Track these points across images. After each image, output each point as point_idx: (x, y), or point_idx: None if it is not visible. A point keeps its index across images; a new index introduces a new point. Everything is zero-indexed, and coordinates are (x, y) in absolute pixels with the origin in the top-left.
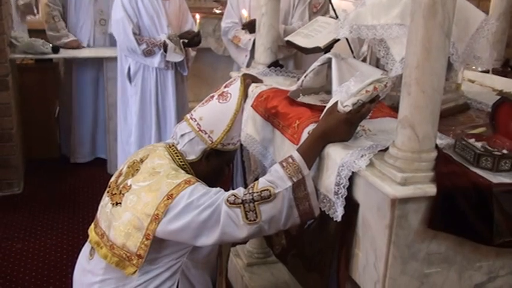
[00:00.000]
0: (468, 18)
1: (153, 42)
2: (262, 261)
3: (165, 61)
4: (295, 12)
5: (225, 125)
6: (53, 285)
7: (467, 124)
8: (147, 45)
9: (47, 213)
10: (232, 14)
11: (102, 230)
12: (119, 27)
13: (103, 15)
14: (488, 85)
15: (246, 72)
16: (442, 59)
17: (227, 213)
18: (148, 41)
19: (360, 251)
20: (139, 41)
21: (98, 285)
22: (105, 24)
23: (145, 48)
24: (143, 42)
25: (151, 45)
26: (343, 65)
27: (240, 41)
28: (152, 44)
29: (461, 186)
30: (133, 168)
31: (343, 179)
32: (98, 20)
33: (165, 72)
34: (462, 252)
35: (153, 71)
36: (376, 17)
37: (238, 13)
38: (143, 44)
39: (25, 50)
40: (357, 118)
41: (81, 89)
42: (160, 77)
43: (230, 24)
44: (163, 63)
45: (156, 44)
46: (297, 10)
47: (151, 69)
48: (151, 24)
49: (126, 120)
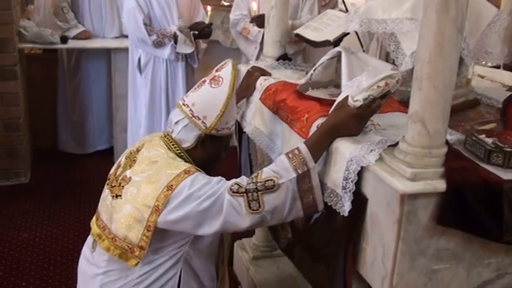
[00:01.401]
0: (480, 12)
1: (164, 34)
2: (268, 255)
3: (175, 53)
4: (304, 6)
5: (218, 110)
6: (59, 275)
7: (477, 120)
8: (157, 36)
9: (53, 203)
10: (241, 6)
11: (104, 222)
12: (130, 17)
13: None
14: (498, 81)
15: (254, 64)
16: (455, 54)
17: (230, 201)
18: (159, 32)
19: (368, 246)
20: (150, 31)
21: (101, 277)
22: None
23: (155, 39)
24: (154, 33)
25: (162, 36)
26: (353, 59)
27: (250, 33)
28: (162, 35)
29: (471, 183)
30: (131, 159)
31: (352, 174)
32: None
33: (175, 64)
34: (471, 249)
35: (163, 63)
36: (386, 11)
37: (247, 5)
38: (153, 35)
39: (33, 40)
40: (367, 113)
41: (87, 80)
42: (170, 69)
43: (239, 17)
44: (174, 55)
45: (166, 35)
46: (306, 4)
47: (162, 60)
48: (162, 15)
49: (136, 111)
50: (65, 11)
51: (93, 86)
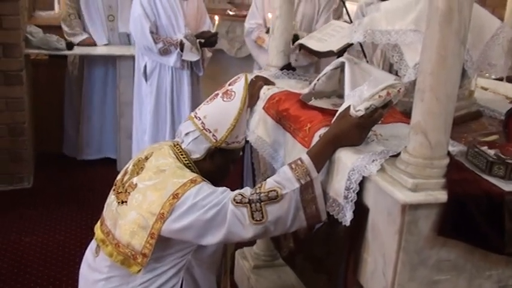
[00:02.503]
0: (483, 25)
1: (170, 41)
2: (269, 264)
3: (181, 60)
4: (319, 18)
5: (229, 124)
6: (59, 280)
7: (480, 131)
8: (163, 44)
9: (56, 208)
10: (257, 15)
11: (108, 228)
12: (137, 25)
13: (111, 11)
14: (501, 93)
15: (258, 74)
16: (457, 67)
17: (233, 212)
18: (165, 40)
19: (368, 256)
20: (156, 39)
21: (102, 283)
22: (114, 20)
23: (161, 47)
24: (160, 41)
25: (168, 44)
26: (356, 69)
27: (264, 42)
28: (169, 43)
29: (473, 194)
30: (138, 166)
31: (354, 184)
32: (106, 15)
33: (180, 72)
34: (472, 260)
35: (169, 70)
36: (390, 22)
37: (263, 14)
38: (160, 43)
39: (39, 46)
40: (369, 123)
41: (91, 87)
42: (176, 77)
43: (254, 25)
44: (179, 63)
45: (172, 43)
46: (322, 16)
47: (168, 68)
48: (168, 23)
49: (141, 118)
50: (72, 17)
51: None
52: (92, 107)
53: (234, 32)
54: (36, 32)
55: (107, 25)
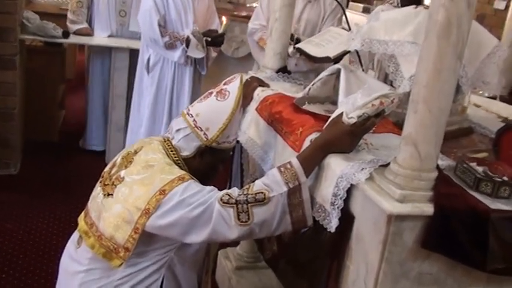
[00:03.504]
0: (480, 42)
1: (176, 36)
2: (251, 266)
3: (185, 56)
4: (323, 26)
5: (221, 123)
6: (39, 269)
7: (470, 148)
8: (169, 38)
9: (41, 196)
10: (261, 17)
11: (92, 219)
12: (146, 17)
13: (124, 6)
14: (493, 111)
15: (253, 75)
16: (452, 81)
17: (219, 212)
18: (172, 35)
19: (351, 264)
20: (163, 33)
21: (82, 275)
22: (125, 16)
23: (167, 41)
24: (167, 34)
25: (174, 38)
26: (352, 77)
27: None
28: (175, 38)
29: (459, 209)
30: (127, 160)
31: (341, 191)
32: (118, 10)
33: (183, 68)
34: (453, 275)
35: (172, 65)
36: (389, 32)
37: (268, 16)
38: (166, 37)
39: (35, 32)
40: (361, 131)
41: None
42: (178, 73)
43: (257, 26)
44: (183, 59)
45: (178, 38)
46: (326, 24)
47: (171, 63)
48: (177, 18)
49: (139, 110)
50: (79, 5)
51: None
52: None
53: (232, 32)
54: (33, 18)
55: (117, 20)
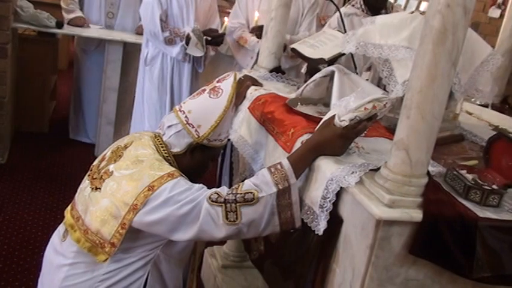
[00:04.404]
0: (475, 50)
1: (176, 32)
2: (237, 265)
3: (183, 53)
4: (303, 22)
5: (213, 121)
6: (23, 261)
7: (460, 155)
8: (170, 33)
9: (28, 187)
10: (239, 15)
11: (79, 213)
12: (148, 10)
13: (112, 8)
14: (485, 119)
15: (247, 73)
16: (446, 87)
17: (208, 210)
18: (172, 30)
19: (338, 268)
20: (164, 28)
21: (67, 268)
22: (112, 18)
23: (167, 36)
24: (167, 30)
25: (174, 34)
26: (345, 79)
27: (247, 42)
28: (175, 34)
29: (448, 216)
30: (116, 154)
31: (331, 193)
32: (106, 12)
33: (182, 65)
34: (440, 282)
35: (170, 61)
36: (384, 36)
37: (246, 14)
38: (166, 32)
39: (28, 21)
40: (352, 134)
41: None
42: (176, 68)
43: (236, 25)
44: (182, 55)
45: (178, 34)
46: (305, 20)
47: (169, 58)
48: (179, 14)
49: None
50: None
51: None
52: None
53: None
54: (26, 6)
55: (105, 21)
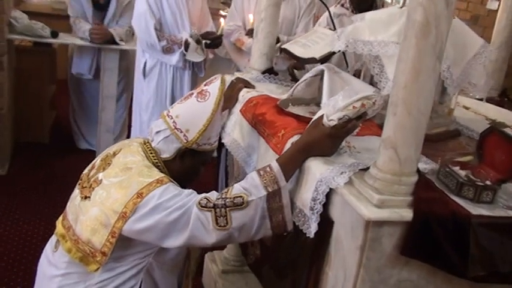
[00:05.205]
0: (466, 43)
1: (173, 40)
2: (238, 270)
3: (183, 60)
4: (299, 23)
5: (201, 125)
6: (23, 272)
7: (457, 151)
8: (167, 42)
9: (28, 198)
10: (236, 17)
11: (69, 223)
12: (141, 21)
13: None
14: (482, 113)
15: (239, 76)
16: (431, 82)
17: (197, 216)
18: (169, 38)
19: (330, 270)
20: (160, 37)
21: (59, 279)
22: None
23: (165, 45)
24: (164, 38)
25: (171, 42)
26: (336, 78)
27: (244, 45)
28: (172, 42)
29: (439, 214)
30: (106, 162)
31: (320, 195)
32: None
33: (182, 72)
34: (434, 282)
35: (170, 69)
36: (373, 33)
37: (242, 16)
38: (163, 41)
39: (23, 32)
40: (342, 133)
41: None
42: (176, 76)
43: (233, 27)
44: (181, 62)
45: (176, 41)
46: (302, 21)
47: (169, 67)
48: (173, 21)
49: (141, 115)
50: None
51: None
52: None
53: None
54: (20, 17)
55: None
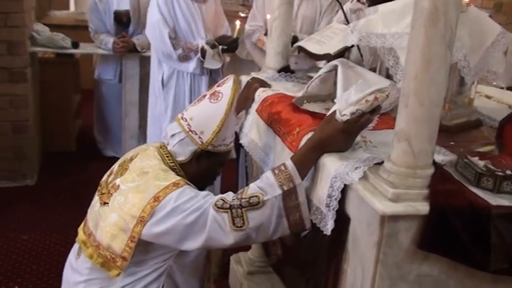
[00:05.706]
0: (483, 30)
1: (189, 47)
2: (263, 271)
3: (200, 67)
4: (321, 21)
5: (215, 126)
6: (53, 280)
7: (479, 141)
8: (183, 50)
9: (56, 207)
10: (257, 17)
11: (90, 229)
12: (155, 31)
13: None
14: (505, 102)
15: (255, 76)
16: (443, 71)
17: (214, 217)
18: (185, 46)
19: (348, 268)
20: (175, 45)
21: (82, 285)
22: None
23: (181, 53)
24: (179, 47)
25: (188, 50)
26: (350, 73)
27: (265, 45)
28: (188, 49)
29: (457, 206)
30: (123, 168)
31: (336, 191)
32: None
33: (199, 78)
34: (456, 277)
35: (187, 77)
36: (386, 25)
37: (263, 16)
38: (179, 49)
39: (45, 44)
40: (355, 128)
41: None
42: (194, 83)
43: (254, 27)
44: (199, 69)
45: (192, 49)
46: (324, 19)
47: (186, 74)
48: (187, 28)
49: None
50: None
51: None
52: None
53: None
54: (42, 30)
55: None
